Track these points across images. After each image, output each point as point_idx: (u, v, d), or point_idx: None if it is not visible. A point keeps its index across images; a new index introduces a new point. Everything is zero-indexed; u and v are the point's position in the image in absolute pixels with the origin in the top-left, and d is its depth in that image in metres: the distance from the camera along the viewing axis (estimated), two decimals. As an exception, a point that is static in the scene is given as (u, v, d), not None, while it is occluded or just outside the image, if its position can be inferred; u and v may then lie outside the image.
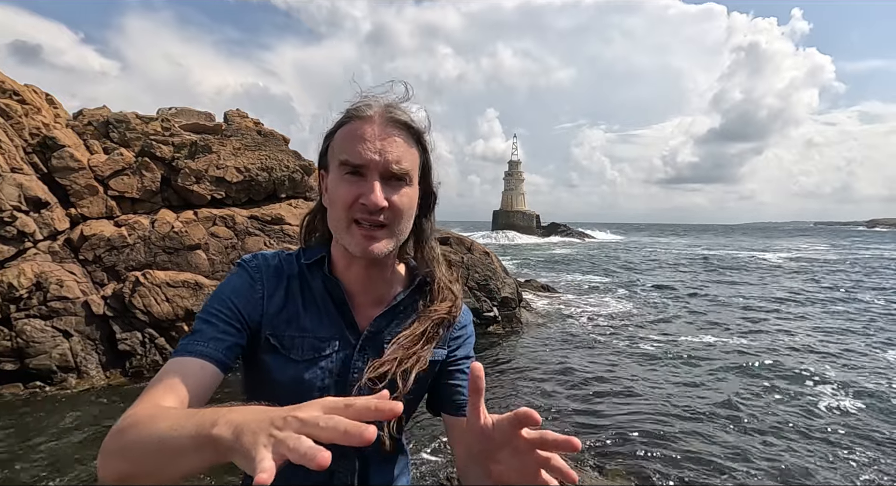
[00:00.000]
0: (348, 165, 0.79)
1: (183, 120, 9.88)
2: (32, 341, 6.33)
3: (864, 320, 11.69)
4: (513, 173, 63.88)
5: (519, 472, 0.59)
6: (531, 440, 0.57)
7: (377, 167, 0.78)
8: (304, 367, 0.84)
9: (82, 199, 7.81)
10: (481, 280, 10.19)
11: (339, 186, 0.80)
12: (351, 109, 0.82)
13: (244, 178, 8.72)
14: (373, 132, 0.78)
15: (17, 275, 6.53)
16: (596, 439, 5.23)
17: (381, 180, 0.79)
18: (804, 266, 25.62)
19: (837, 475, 4.62)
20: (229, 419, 0.47)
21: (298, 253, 0.92)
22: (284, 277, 0.88)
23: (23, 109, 7.90)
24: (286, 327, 0.84)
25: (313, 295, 0.87)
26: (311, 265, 0.89)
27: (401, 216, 0.81)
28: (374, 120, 0.79)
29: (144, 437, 0.57)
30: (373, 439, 0.41)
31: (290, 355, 0.84)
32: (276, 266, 0.88)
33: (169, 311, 6.93)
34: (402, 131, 0.81)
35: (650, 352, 8.72)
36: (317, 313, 0.86)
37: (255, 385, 0.88)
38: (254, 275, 0.86)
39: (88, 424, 5.33)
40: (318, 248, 0.92)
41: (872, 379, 7.24)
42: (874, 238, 71.19)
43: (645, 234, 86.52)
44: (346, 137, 0.80)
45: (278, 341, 0.84)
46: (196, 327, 0.80)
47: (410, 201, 0.83)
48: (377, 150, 0.77)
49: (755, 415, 5.92)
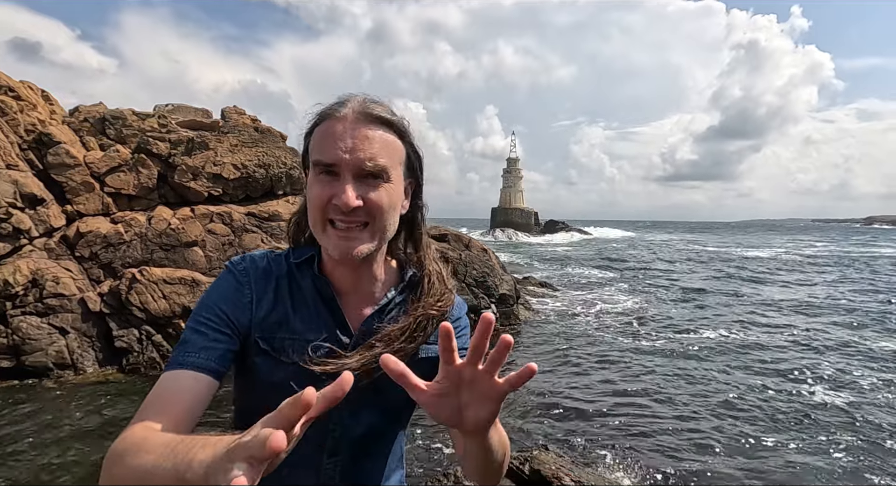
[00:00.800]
0: (320, 164, 0.78)
1: (180, 117, 9.84)
2: (29, 338, 6.32)
3: (872, 317, 11.73)
4: (511, 171, 63.80)
5: (483, 396, 0.63)
6: (474, 362, 0.61)
7: (348, 166, 0.77)
8: (295, 369, 0.82)
9: (78, 195, 7.78)
10: (479, 277, 10.19)
11: (314, 187, 0.79)
12: (325, 109, 0.81)
13: (241, 174, 8.70)
14: (343, 130, 0.77)
15: (13, 272, 6.52)
16: (594, 433, 5.25)
17: (355, 179, 0.77)
18: (797, 261, 25.72)
19: (841, 471, 4.64)
20: (200, 461, 0.49)
21: (288, 253, 0.91)
22: (273, 278, 0.87)
23: (18, 105, 7.86)
24: (276, 330, 0.83)
25: (303, 295, 0.86)
26: (301, 264, 0.88)
27: (380, 214, 0.80)
28: (347, 117, 0.78)
29: (132, 470, 0.59)
30: (279, 446, 0.42)
31: (280, 358, 0.83)
32: (264, 268, 0.87)
33: (166, 308, 6.92)
34: (378, 127, 0.79)
35: (649, 347, 8.74)
36: (307, 314, 0.85)
37: (246, 389, 0.87)
38: (241, 279, 0.85)
39: (86, 416, 5.33)
40: (308, 247, 0.91)
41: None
42: (869, 235, 71.43)
43: (645, 231, 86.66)
44: (319, 136, 0.80)
45: (269, 344, 0.83)
46: (186, 336, 0.79)
47: (390, 198, 0.81)
48: (348, 148, 0.76)
49: (755, 409, 5.94)
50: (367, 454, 0.90)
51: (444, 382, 0.63)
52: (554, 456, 3.80)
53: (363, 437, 0.87)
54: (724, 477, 4.45)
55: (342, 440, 0.86)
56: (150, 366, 6.66)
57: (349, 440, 0.86)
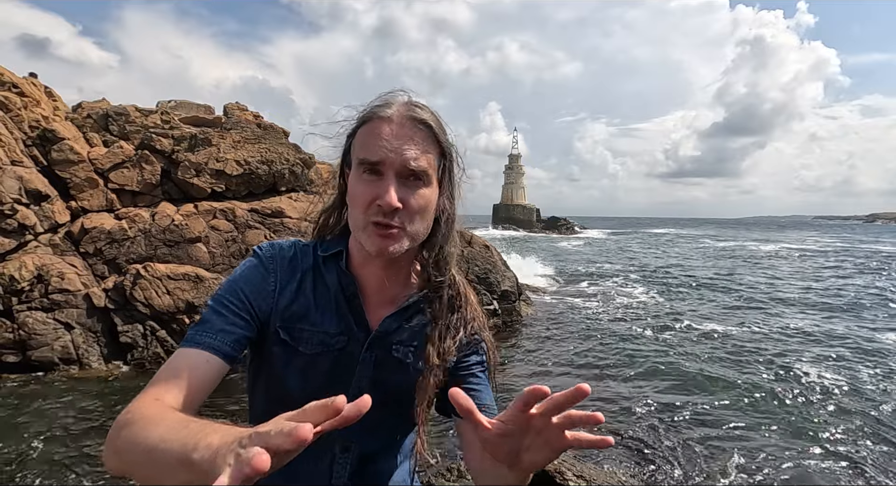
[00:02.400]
0: (366, 163, 0.79)
1: (182, 113, 9.85)
2: (34, 334, 6.36)
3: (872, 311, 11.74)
4: (513, 167, 63.67)
5: (547, 445, 0.62)
6: (548, 414, 0.58)
7: (393, 165, 0.78)
8: (311, 360, 0.84)
9: (82, 192, 7.81)
10: (481, 274, 10.22)
11: (357, 186, 0.80)
12: (372, 108, 0.83)
13: (244, 171, 8.72)
14: (391, 131, 0.79)
15: (19, 267, 6.55)
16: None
17: (397, 179, 0.79)
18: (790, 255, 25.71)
19: (844, 469, 4.66)
20: (208, 443, 0.47)
21: (315, 245, 0.92)
22: (299, 269, 0.88)
23: (22, 101, 7.89)
24: (297, 320, 0.85)
25: (327, 289, 0.87)
26: (328, 258, 0.89)
27: (414, 217, 0.81)
28: (393, 119, 0.80)
29: (137, 443, 0.58)
30: (306, 436, 0.40)
31: (298, 348, 0.84)
32: (290, 257, 0.88)
33: (170, 303, 6.96)
34: (421, 130, 0.81)
35: (652, 343, 8.76)
36: (328, 307, 0.86)
37: (260, 375, 0.88)
38: (268, 266, 0.86)
39: (92, 411, 5.37)
40: (337, 240, 0.91)
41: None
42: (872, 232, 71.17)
43: (645, 226, 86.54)
44: (366, 135, 0.81)
45: (288, 333, 0.84)
46: (205, 316, 0.80)
47: (427, 202, 0.82)
48: (394, 148, 0.78)
49: (761, 402, 5.96)
50: (377, 456, 0.91)
51: (510, 424, 0.61)
52: (556, 451, 3.81)
53: (373, 432, 0.89)
54: (730, 473, 4.47)
55: (352, 436, 0.87)
56: (154, 361, 6.70)
57: (360, 433, 0.86)
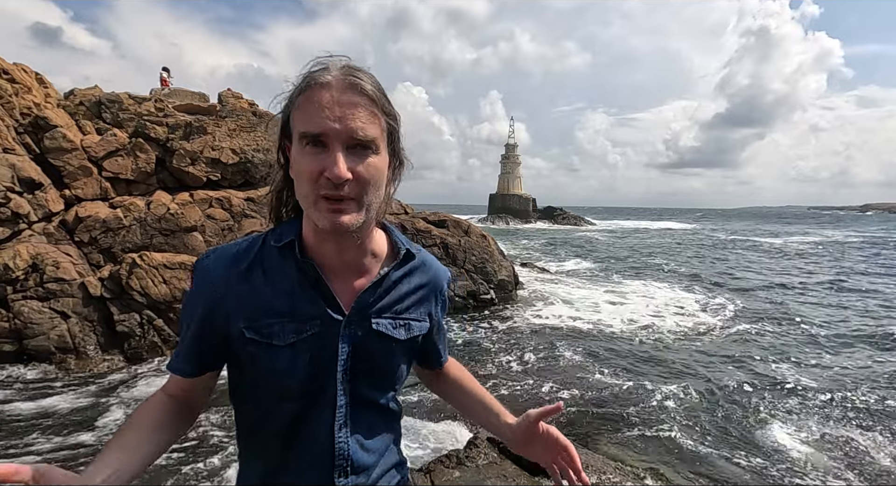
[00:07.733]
0: (308, 135, 0.73)
1: (177, 100, 9.74)
2: (30, 323, 6.33)
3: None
4: (509, 157, 63.39)
5: (545, 444, 0.96)
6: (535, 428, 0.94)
7: (339, 136, 0.72)
8: (288, 351, 0.80)
9: (76, 180, 7.73)
10: (478, 263, 10.24)
11: (302, 160, 0.74)
12: (307, 75, 0.75)
13: (240, 159, 8.65)
14: (331, 98, 0.72)
15: (13, 256, 6.50)
16: (594, 415, 5.33)
17: (344, 150, 0.73)
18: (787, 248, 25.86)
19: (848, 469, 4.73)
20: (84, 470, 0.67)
21: (267, 236, 0.87)
22: (245, 265, 0.83)
23: (13, 88, 7.76)
24: (261, 316, 0.81)
25: (286, 278, 0.83)
26: (282, 248, 0.84)
27: (367, 187, 0.76)
28: (333, 85, 0.73)
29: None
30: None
31: (272, 342, 0.80)
32: (233, 256, 0.84)
33: (166, 292, 6.93)
34: (363, 96, 0.74)
35: (646, 334, 8.83)
36: (293, 294, 0.82)
37: (241, 380, 0.86)
38: (203, 275, 0.83)
39: (88, 399, 5.38)
40: (290, 224, 0.86)
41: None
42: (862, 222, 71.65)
43: (644, 219, 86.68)
44: (305, 105, 0.74)
45: (256, 332, 0.80)
46: (180, 336, 0.87)
47: (378, 171, 0.77)
48: (337, 117, 0.72)
49: (755, 397, 6.04)
50: (371, 418, 0.89)
51: (528, 435, 0.98)
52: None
53: (366, 404, 0.88)
54: (724, 468, 4.54)
55: (348, 412, 0.85)
56: (151, 350, 6.69)
57: (354, 408, 0.86)
